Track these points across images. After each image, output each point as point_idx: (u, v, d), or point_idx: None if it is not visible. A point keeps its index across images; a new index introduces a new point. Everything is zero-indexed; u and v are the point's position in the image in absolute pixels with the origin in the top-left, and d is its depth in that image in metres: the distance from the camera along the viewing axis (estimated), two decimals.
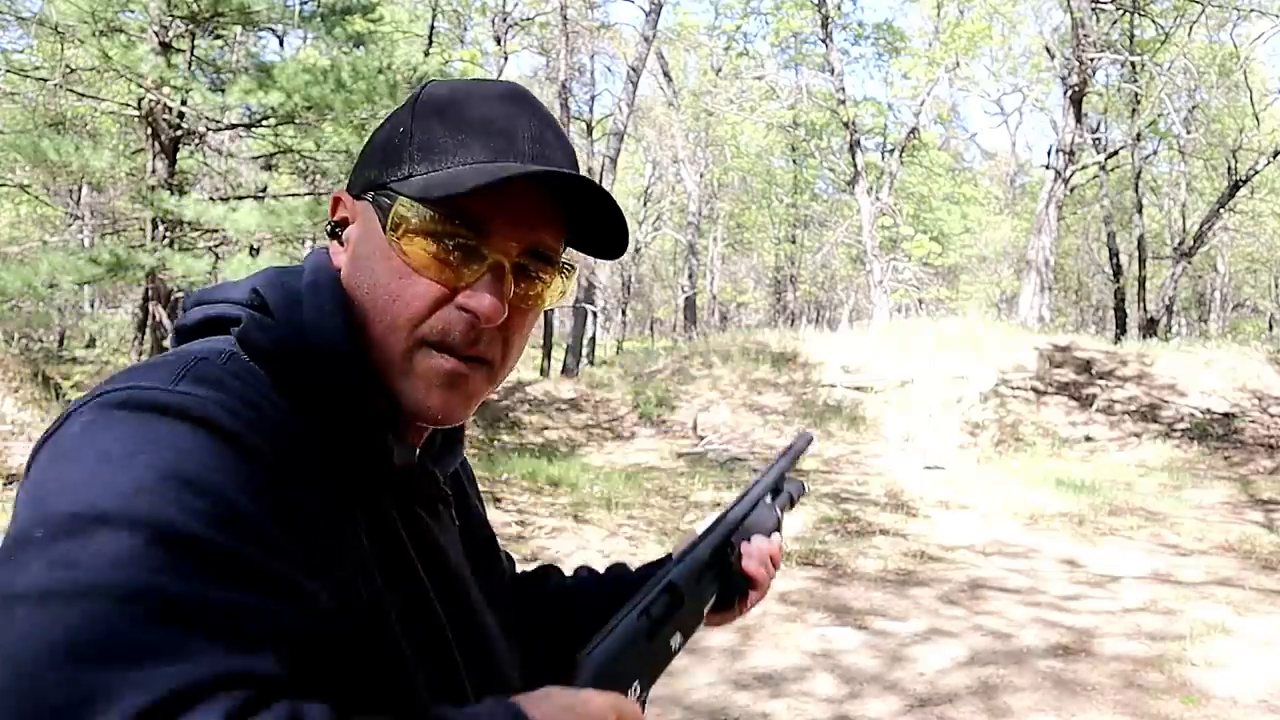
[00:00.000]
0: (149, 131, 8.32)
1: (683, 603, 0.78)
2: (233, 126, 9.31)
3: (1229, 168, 17.59)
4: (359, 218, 0.71)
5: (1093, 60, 16.62)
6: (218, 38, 9.68)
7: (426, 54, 15.42)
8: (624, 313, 30.80)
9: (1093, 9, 16.55)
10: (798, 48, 22.68)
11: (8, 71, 8.91)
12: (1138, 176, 20.11)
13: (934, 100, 22.16)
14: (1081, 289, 31.86)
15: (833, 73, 19.11)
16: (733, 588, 0.90)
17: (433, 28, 19.42)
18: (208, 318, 0.68)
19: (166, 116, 8.20)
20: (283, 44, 15.17)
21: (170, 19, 8.06)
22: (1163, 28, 17.78)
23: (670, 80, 24.94)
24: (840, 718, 3.66)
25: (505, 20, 20.40)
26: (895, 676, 4.07)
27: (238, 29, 9.69)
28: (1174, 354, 12.61)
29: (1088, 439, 10.82)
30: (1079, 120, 17.08)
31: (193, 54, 8.55)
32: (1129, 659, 4.29)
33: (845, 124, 18.93)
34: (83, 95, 9.24)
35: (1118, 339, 15.54)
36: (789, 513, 1.06)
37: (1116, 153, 20.05)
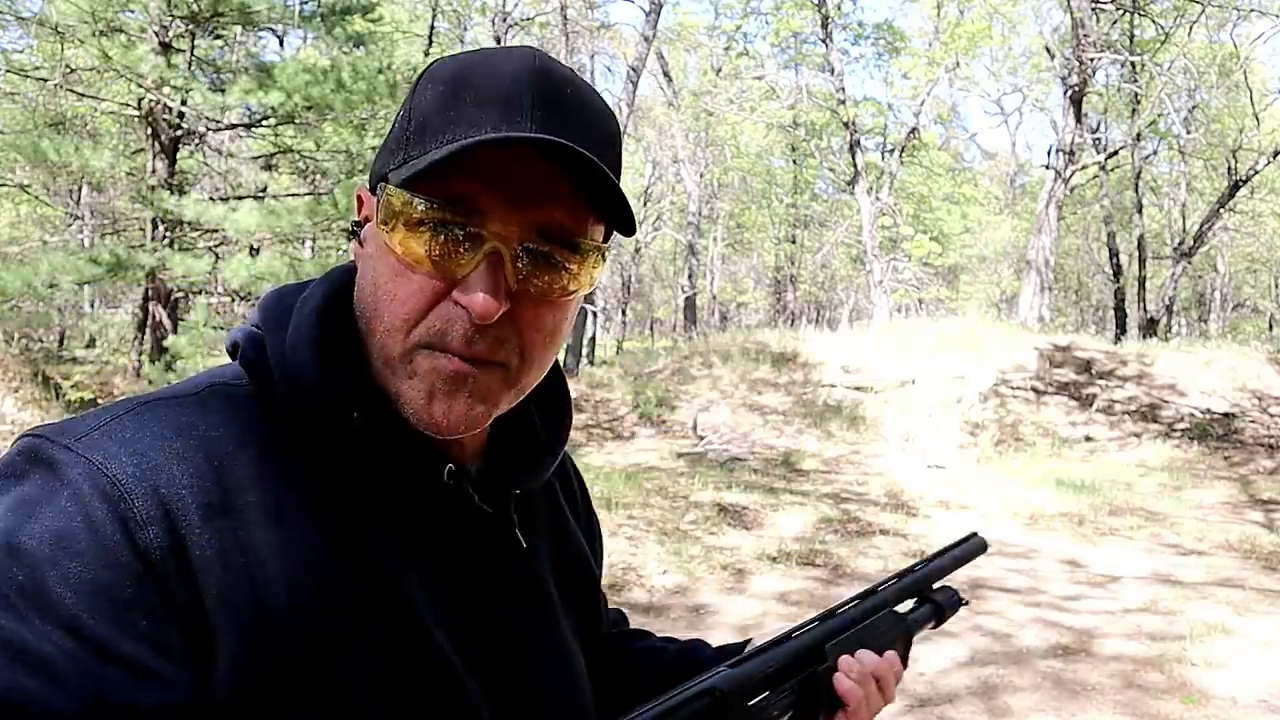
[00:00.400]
0: (149, 131, 8.33)
1: (727, 715, 0.64)
2: (233, 126, 9.32)
3: (1229, 168, 17.59)
4: (372, 214, 0.65)
5: (1093, 60, 16.60)
6: (218, 38, 9.69)
7: (426, 54, 15.45)
8: (624, 313, 30.76)
9: (1093, 9, 16.54)
10: (798, 48, 22.67)
11: (8, 71, 8.93)
12: (1138, 176, 20.10)
13: (934, 100, 22.14)
14: (1081, 289, 31.86)
15: (833, 73, 19.10)
16: (814, 706, 0.73)
17: (433, 28, 19.44)
18: (234, 342, 0.67)
19: (166, 116, 8.21)
20: (283, 44, 15.20)
21: (170, 19, 8.06)
22: (1163, 28, 17.76)
23: (670, 80, 24.93)
24: None
25: (505, 20, 20.38)
26: None
27: (238, 29, 9.70)
28: (1174, 354, 12.60)
29: (1088, 439, 10.81)
30: (1079, 120, 17.07)
31: (193, 54, 8.56)
32: (1129, 659, 4.29)
33: (845, 124, 18.92)
34: (83, 95, 9.25)
35: (1118, 339, 15.52)
36: (926, 630, 0.83)
37: (1116, 153, 20.03)
